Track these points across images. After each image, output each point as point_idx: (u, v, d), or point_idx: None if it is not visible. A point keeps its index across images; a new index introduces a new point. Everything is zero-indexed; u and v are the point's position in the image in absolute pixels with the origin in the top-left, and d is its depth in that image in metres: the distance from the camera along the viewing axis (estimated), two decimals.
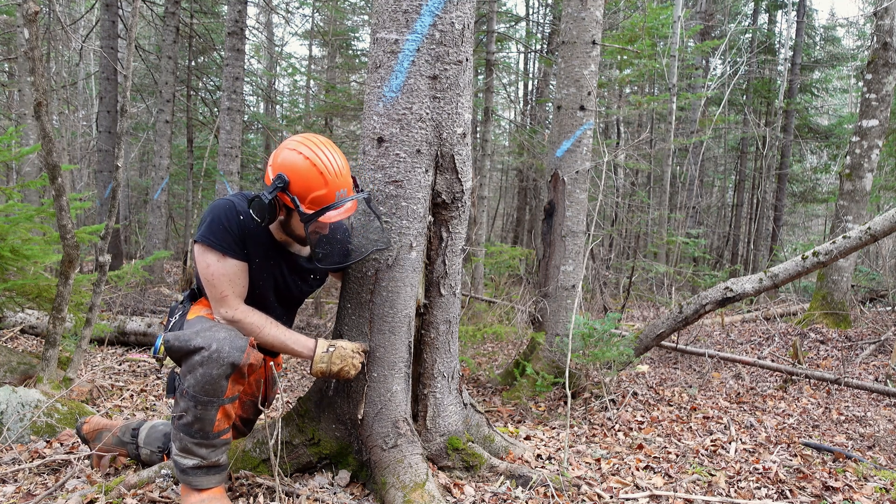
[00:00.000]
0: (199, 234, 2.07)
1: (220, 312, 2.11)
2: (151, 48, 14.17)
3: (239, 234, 2.09)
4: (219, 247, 2.05)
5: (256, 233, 2.13)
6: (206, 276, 2.08)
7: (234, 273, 2.09)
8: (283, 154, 2.04)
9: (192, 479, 2.02)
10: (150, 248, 9.88)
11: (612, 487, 2.51)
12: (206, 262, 2.07)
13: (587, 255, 6.55)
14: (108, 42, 9.58)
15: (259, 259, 2.17)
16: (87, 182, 13.57)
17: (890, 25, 6.85)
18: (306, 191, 2.02)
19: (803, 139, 14.96)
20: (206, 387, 1.93)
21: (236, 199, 2.13)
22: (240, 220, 2.09)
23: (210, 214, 2.08)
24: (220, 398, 1.97)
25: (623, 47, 7.46)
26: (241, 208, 2.10)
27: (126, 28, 10.17)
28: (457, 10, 2.28)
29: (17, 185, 4.21)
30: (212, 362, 1.92)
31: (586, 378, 4.11)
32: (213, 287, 2.08)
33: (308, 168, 2.01)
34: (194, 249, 2.11)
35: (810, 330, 6.77)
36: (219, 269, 2.06)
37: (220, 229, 2.05)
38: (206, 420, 1.98)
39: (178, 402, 2.00)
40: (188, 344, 1.93)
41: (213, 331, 1.98)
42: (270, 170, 2.06)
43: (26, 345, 4.88)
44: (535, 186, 13.26)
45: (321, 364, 2.16)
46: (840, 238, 3.70)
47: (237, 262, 2.09)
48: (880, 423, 3.83)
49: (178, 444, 2.02)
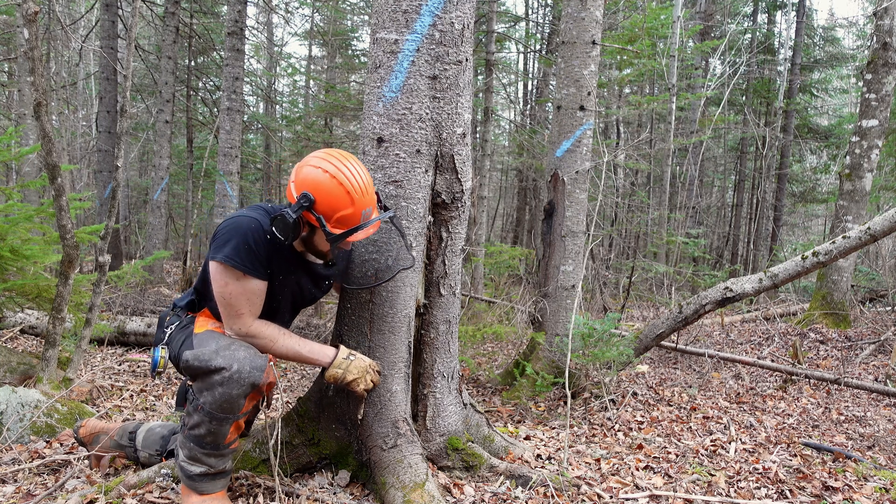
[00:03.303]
0: (223, 255, 1.96)
1: (233, 328, 2.06)
2: (151, 48, 14.17)
3: (266, 255, 2.02)
4: (242, 267, 1.97)
5: (282, 250, 2.07)
6: (224, 294, 2.01)
7: (254, 293, 2.03)
8: (307, 171, 1.98)
9: (198, 485, 2.04)
10: (149, 249, 9.88)
11: (612, 487, 2.51)
12: (224, 280, 1.99)
13: (587, 255, 6.55)
14: (107, 42, 9.57)
15: (282, 275, 2.12)
16: (87, 182, 13.57)
17: (890, 25, 6.85)
18: (332, 210, 1.96)
19: (803, 139, 14.96)
20: (223, 405, 1.94)
21: (260, 217, 2.04)
22: (267, 240, 2.01)
23: (235, 235, 1.98)
24: (235, 415, 1.98)
25: (623, 47, 7.46)
26: (267, 227, 2.01)
27: (126, 28, 10.17)
28: (456, 10, 2.28)
29: (16, 185, 4.21)
30: (232, 383, 1.91)
31: (586, 378, 4.11)
32: (230, 306, 2.02)
33: (334, 187, 1.94)
34: (211, 267, 2.02)
35: (810, 330, 6.77)
36: (238, 288, 2.00)
37: (246, 250, 1.97)
38: (220, 434, 2.00)
39: (191, 414, 1.99)
40: (209, 364, 1.91)
41: (233, 350, 1.95)
42: (293, 186, 1.99)
43: (26, 345, 4.88)
44: (534, 186, 13.26)
45: (338, 369, 2.13)
46: (840, 238, 3.70)
47: (259, 281, 2.03)
48: (880, 423, 3.83)
49: (186, 452, 2.02)
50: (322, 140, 11.93)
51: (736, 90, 14.55)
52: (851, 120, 12.20)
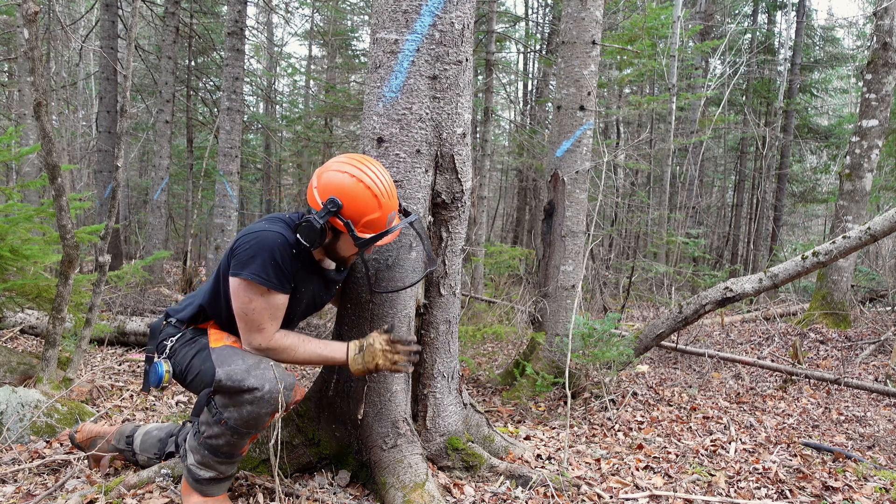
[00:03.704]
0: (250, 272, 1.92)
1: (253, 343, 2.02)
2: (151, 48, 14.16)
3: (291, 269, 1.99)
4: (269, 283, 1.93)
5: (305, 261, 2.05)
6: (246, 310, 1.97)
7: (277, 307, 2.01)
8: (331, 176, 1.95)
9: (205, 488, 2.06)
10: (149, 249, 9.88)
11: (612, 487, 2.51)
12: (248, 297, 1.95)
13: (587, 255, 6.55)
14: (107, 42, 9.57)
15: (304, 286, 2.10)
16: (87, 182, 13.56)
17: (890, 25, 6.85)
18: (360, 215, 1.95)
19: (803, 139, 14.96)
20: (249, 422, 1.95)
21: (283, 231, 1.99)
22: (292, 254, 1.98)
23: (261, 251, 1.93)
24: (258, 430, 2.01)
25: (623, 47, 7.46)
26: (292, 240, 1.98)
27: (126, 28, 10.17)
28: (456, 10, 2.28)
29: (16, 185, 4.21)
30: (262, 403, 1.92)
31: (586, 378, 4.11)
32: (251, 321, 1.99)
33: (361, 191, 1.93)
34: (234, 283, 1.97)
35: (810, 330, 6.77)
36: (261, 304, 1.96)
37: (273, 266, 1.93)
38: (238, 446, 2.02)
39: (210, 425, 1.98)
40: (242, 384, 1.91)
41: (262, 369, 1.95)
42: (317, 192, 1.96)
43: (26, 345, 4.88)
44: (534, 186, 13.26)
45: (357, 366, 2.12)
46: (840, 238, 3.70)
47: (283, 295, 2.00)
48: (880, 423, 3.83)
49: (198, 458, 2.03)
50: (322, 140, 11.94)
51: (736, 90, 14.55)
52: (851, 120, 12.20)
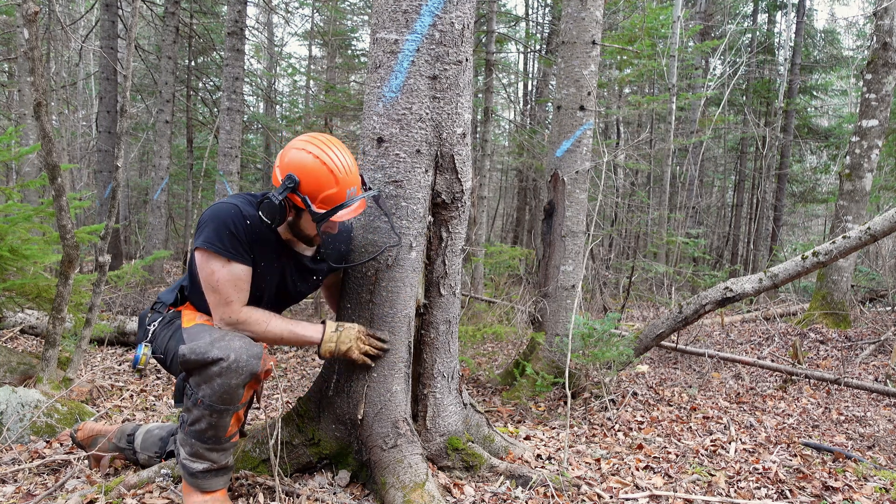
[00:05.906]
0: (203, 240, 1.99)
1: (223, 318, 2.06)
2: (151, 48, 14.17)
3: (247, 239, 2.03)
4: (225, 252, 1.99)
5: (265, 235, 2.09)
6: (211, 282, 2.02)
7: (240, 278, 2.04)
8: (291, 154, 2.01)
9: (201, 482, 2.04)
10: (149, 248, 9.88)
11: (612, 487, 2.51)
12: (210, 268, 2.01)
13: (587, 255, 6.55)
14: (107, 42, 9.57)
15: (265, 262, 2.13)
16: (87, 182, 13.56)
17: (890, 25, 6.85)
18: (317, 190, 1.99)
19: (803, 139, 14.96)
20: (223, 396, 1.94)
21: (240, 203, 2.07)
22: (247, 225, 2.03)
23: (213, 220, 2.01)
24: (235, 405, 1.99)
25: (623, 47, 7.46)
26: (247, 212, 2.04)
27: (126, 28, 10.17)
28: (456, 10, 2.28)
29: (16, 185, 4.21)
30: (230, 373, 1.91)
31: (586, 378, 4.11)
32: (218, 293, 2.03)
33: (318, 167, 1.98)
34: (197, 256, 2.03)
35: (810, 330, 6.77)
36: (224, 274, 2.01)
37: (227, 234, 1.99)
38: (221, 427, 2.00)
39: (190, 410, 1.98)
40: (205, 356, 1.91)
41: (228, 340, 1.96)
42: (278, 171, 2.02)
43: (26, 345, 4.88)
44: (534, 186, 13.26)
45: (330, 343, 2.16)
46: (840, 238, 3.70)
47: (243, 266, 2.04)
48: (880, 423, 3.83)
49: (188, 450, 2.02)
50: None
51: (736, 90, 14.55)
52: (851, 120, 12.19)
